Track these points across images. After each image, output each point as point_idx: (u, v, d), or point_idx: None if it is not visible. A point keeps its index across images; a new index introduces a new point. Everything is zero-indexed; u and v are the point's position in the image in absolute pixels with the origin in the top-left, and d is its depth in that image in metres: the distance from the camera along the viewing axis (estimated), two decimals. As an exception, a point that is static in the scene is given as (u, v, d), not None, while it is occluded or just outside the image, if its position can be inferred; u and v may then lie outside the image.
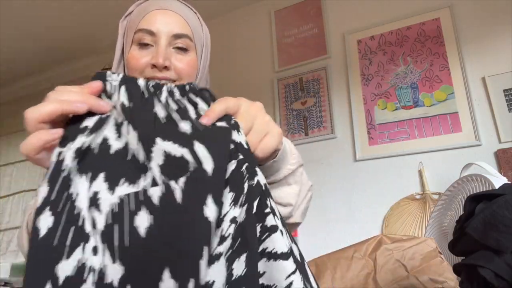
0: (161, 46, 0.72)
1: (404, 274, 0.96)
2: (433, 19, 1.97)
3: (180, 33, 0.74)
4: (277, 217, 0.44)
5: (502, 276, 0.53)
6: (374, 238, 1.05)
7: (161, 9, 0.75)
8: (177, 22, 0.75)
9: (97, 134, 0.45)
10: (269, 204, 0.44)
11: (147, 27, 0.73)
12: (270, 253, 0.41)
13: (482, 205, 0.60)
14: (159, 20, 0.74)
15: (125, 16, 0.79)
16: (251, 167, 0.44)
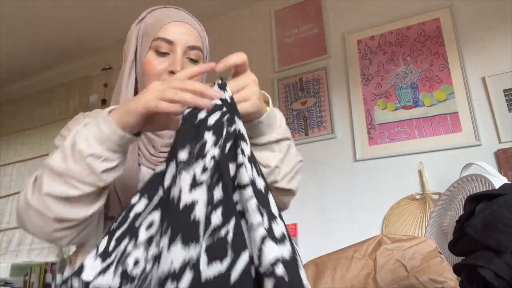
0: (178, 55, 0.80)
1: (404, 274, 0.96)
2: (433, 19, 1.97)
3: (194, 45, 0.84)
4: (244, 155, 0.54)
5: (502, 276, 0.53)
6: (374, 238, 1.05)
7: (179, 21, 0.84)
8: (192, 35, 0.85)
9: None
10: (241, 145, 0.55)
11: (166, 36, 0.81)
12: (239, 185, 0.52)
13: (482, 205, 0.60)
14: (177, 31, 0.82)
15: (139, 21, 0.89)
16: (231, 117, 0.56)
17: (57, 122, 3.02)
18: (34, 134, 3.11)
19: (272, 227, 0.51)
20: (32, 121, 3.17)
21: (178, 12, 0.87)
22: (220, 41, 2.65)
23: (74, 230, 0.61)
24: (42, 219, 0.58)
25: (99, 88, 2.97)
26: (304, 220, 1.98)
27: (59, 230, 0.60)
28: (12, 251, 2.74)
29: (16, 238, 2.77)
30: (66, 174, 0.57)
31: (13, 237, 2.79)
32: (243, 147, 0.56)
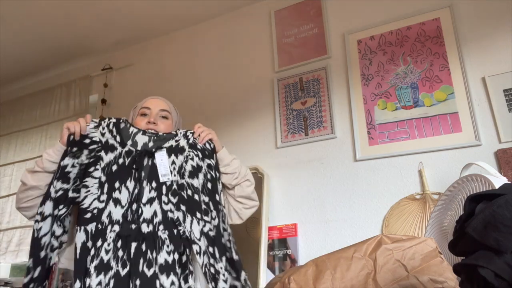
0: (153, 113, 1.35)
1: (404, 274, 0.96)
2: (433, 19, 1.97)
3: (163, 109, 1.37)
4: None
5: (502, 276, 0.53)
6: (374, 238, 1.05)
7: (154, 99, 1.40)
8: (162, 104, 1.38)
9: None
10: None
11: (146, 105, 1.37)
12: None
13: (482, 205, 0.60)
14: (153, 102, 1.38)
15: (134, 108, 1.42)
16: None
17: (57, 122, 3.02)
18: (34, 134, 3.11)
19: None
20: (32, 121, 3.16)
21: (155, 96, 1.43)
22: (220, 41, 2.65)
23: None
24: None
25: (99, 88, 2.97)
26: (304, 220, 1.98)
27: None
28: (12, 251, 2.74)
29: (16, 238, 2.77)
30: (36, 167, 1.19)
31: (13, 237, 2.79)
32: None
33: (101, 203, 1.14)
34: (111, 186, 1.16)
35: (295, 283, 1.00)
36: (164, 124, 1.33)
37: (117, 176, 1.18)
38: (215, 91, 2.52)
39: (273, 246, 1.97)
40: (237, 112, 2.39)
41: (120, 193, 1.16)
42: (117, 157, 1.20)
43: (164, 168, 1.20)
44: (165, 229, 1.14)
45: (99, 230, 1.11)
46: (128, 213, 1.14)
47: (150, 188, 1.18)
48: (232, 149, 2.30)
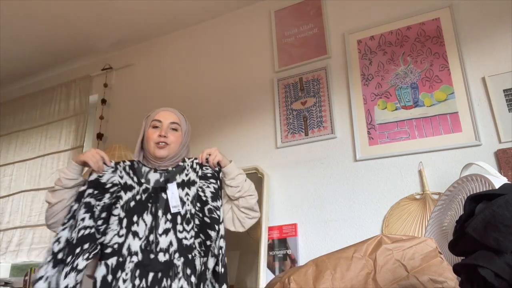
0: (164, 126, 1.43)
1: (404, 274, 0.96)
2: (433, 19, 1.98)
3: (174, 121, 1.45)
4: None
5: (502, 276, 0.53)
6: (374, 238, 1.05)
7: (165, 111, 1.47)
8: (172, 116, 1.46)
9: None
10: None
11: (157, 118, 1.45)
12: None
13: (482, 205, 0.60)
14: (164, 114, 1.46)
15: (146, 117, 1.49)
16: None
17: (57, 122, 3.02)
18: (34, 134, 3.11)
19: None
20: (32, 121, 3.17)
21: (166, 108, 1.50)
22: (221, 41, 2.65)
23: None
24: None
25: (99, 88, 2.97)
26: (304, 220, 1.98)
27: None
28: (12, 251, 2.74)
29: (16, 238, 2.77)
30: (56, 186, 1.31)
31: (13, 237, 2.79)
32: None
33: (121, 237, 1.24)
34: (130, 221, 1.27)
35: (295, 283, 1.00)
36: (174, 136, 1.43)
37: (135, 211, 1.29)
38: (215, 91, 2.52)
39: (273, 246, 1.97)
40: (237, 112, 2.39)
41: (138, 226, 1.26)
42: (135, 194, 1.32)
43: (175, 200, 1.32)
44: (180, 256, 1.24)
45: (119, 263, 1.20)
46: (146, 243, 1.24)
47: (166, 220, 1.29)
48: (232, 149, 2.31)
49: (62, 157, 2.86)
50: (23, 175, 3.00)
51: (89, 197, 1.26)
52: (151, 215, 1.28)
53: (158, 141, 1.39)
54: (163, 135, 1.39)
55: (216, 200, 1.34)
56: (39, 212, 2.76)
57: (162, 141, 1.39)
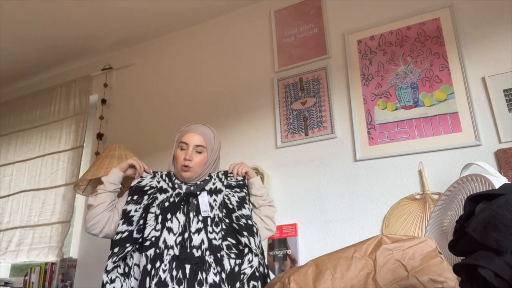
0: (189, 150, 1.52)
1: (404, 274, 0.96)
2: (433, 19, 1.98)
3: (198, 144, 1.54)
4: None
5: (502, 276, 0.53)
6: (374, 238, 1.05)
7: (192, 133, 1.55)
8: (198, 139, 1.54)
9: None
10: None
11: (184, 140, 1.54)
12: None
13: (482, 205, 0.60)
14: (189, 138, 1.54)
15: (179, 132, 1.60)
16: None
17: (57, 122, 3.02)
18: (34, 134, 3.11)
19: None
20: (32, 121, 3.17)
21: (196, 126, 1.59)
22: (221, 41, 2.65)
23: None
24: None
25: (99, 88, 2.97)
26: (304, 220, 1.98)
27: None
28: (12, 251, 2.74)
29: (16, 238, 2.77)
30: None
31: (13, 237, 2.79)
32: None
33: (157, 231, 1.39)
34: (164, 217, 1.42)
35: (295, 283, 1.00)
36: (198, 158, 1.53)
37: (169, 209, 1.44)
38: (215, 91, 2.52)
39: (273, 246, 1.97)
40: (237, 112, 2.39)
41: (171, 222, 1.41)
42: (169, 197, 1.48)
43: (205, 206, 1.47)
44: (211, 254, 1.37)
45: (157, 254, 1.34)
46: (181, 240, 1.38)
47: (197, 221, 1.43)
48: (232, 149, 2.31)
49: (62, 157, 2.86)
50: (23, 175, 3.00)
51: (126, 204, 1.44)
52: (183, 214, 1.43)
53: (183, 164, 1.51)
54: (187, 159, 1.50)
55: (241, 208, 1.47)
56: (39, 212, 2.76)
57: (186, 165, 1.51)
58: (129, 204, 1.44)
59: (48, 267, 2.52)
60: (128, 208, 1.43)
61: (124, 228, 1.40)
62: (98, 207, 1.43)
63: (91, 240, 2.54)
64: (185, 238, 1.38)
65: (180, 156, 1.53)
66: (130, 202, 1.45)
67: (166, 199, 1.47)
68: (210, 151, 1.58)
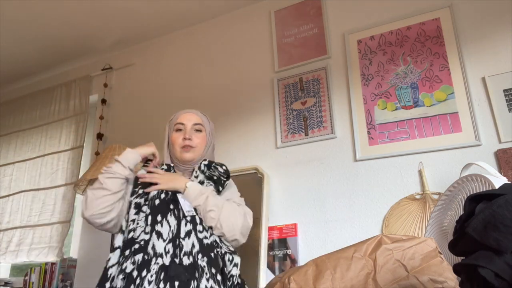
0: (187, 128, 1.44)
1: (404, 274, 0.96)
2: (433, 19, 1.98)
3: (197, 123, 1.46)
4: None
5: (502, 276, 0.53)
6: (374, 238, 1.05)
7: (187, 113, 1.49)
8: (195, 117, 1.47)
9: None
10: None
11: (180, 121, 1.45)
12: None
13: (482, 205, 0.60)
14: (187, 116, 1.47)
15: (169, 121, 1.50)
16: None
17: (57, 122, 3.02)
18: (34, 134, 3.11)
19: None
20: (32, 121, 3.16)
21: (187, 109, 1.51)
22: (221, 41, 2.65)
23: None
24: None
25: (99, 88, 2.97)
26: (304, 220, 1.98)
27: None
28: (12, 251, 2.74)
29: (16, 238, 2.77)
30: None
31: (13, 237, 2.79)
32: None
33: (146, 234, 1.24)
34: (154, 219, 1.26)
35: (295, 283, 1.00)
36: (198, 138, 1.44)
37: (159, 210, 1.29)
38: (215, 91, 2.52)
39: (273, 246, 1.97)
40: (237, 112, 2.39)
41: (161, 226, 1.25)
42: (159, 192, 1.33)
43: (187, 206, 1.32)
44: (203, 256, 1.24)
45: (145, 261, 1.19)
46: (171, 247, 1.22)
47: (186, 222, 1.29)
48: (232, 149, 2.31)
49: (62, 157, 2.86)
50: (23, 175, 3.00)
51: (135, 197, 1.33)
52: (175, 217, 1.28)
53: (184, 145, 1.40)
54: (187, 138, 1.40)
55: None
56: (39, 212, 2.76)
57: (187, 145, 1.40)
58: (137, 197, 1.33)
59: (48, 267, 2.51)
60: (138, 201, 1.31)
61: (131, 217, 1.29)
62: (115, 195, 1.28)
63: (91, 240, 2.54)
64: (175, 245, 1.23)
65: (178, 138, 1.41)
66: (137, 195, 1.33)
67: (156, 196, 1.32)
68: (208, 132, 1.49)
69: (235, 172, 2.17)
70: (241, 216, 1.35)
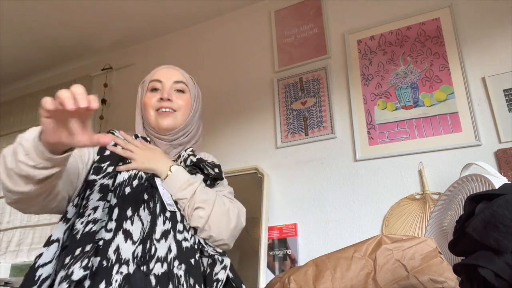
0: (165, 88, 1.11)
1: (404, 274, 0.96)
2: (433, 19, 1.98)
3: (178, 80, 1.14)
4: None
5: (502, 276, 0.53)
6: (374, 238, 1.05)
7: (165, 67, 1.16)
8: (176, 74, 1.15)
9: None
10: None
11: (156, 77, 1.13)
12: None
13: (482, 205, 0.60)
14: (164, 73, 1.14)
15: (143, 81, 1.19)
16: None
17: (57, 122, 3.01)
18: (34, 134, 3.10)
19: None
20: (32, 121, 3.16)
21: (167, 65, 1.19)
22: (220, 41, 2.65)
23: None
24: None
25: (99, 88, 2.97)
26: (304, 220, 1.98)
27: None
28: (12, 251, 2.74)
29: (16, 238, 2.77)
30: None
31: (13, 237, 2.79)
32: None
33: (109, 232, 0.90)
34: (122, 214, 0.93)
35: (295, 283, 1.00)
36: (181, 99, 1.10)
37: (130, 201, 0.95)
38: (215, 91, 2.52)
39: (273, 246, 1.97)
40: (237, 112, 2.39)
41: (132, 224, 0.92)
42: (131, 177, 1.00)
43: (167, 197, 1.01)
44: (181, 262, 0.93)
45: (103, 269, 0.85)
46: (141, 252, 0.90)
47: (164, 219, 0.97)
48: (232, 149, 2.31)
49: (62, 157, 2.85)
50: (23, 175, 2.99)
51: (101, 176, 0.98)
52: (149, 212, 0.95)
53: (160, 107, 1.08)
54: (165, 98, 1.07)
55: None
56: (39, 212, 2.76)
57: (166, 107, 1.08)
58: (105, 177, 0.98)
59: (48, 267, 2.51)
60: (106, 183, 0.97)
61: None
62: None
63: (91, 240, 2.53)
64: (145, 248, 0.91)
65: (153, 98, 1.09)
66: (105, 174, 0.99)
67: (127, 182, 0.98)
68: (194, 95, 1.16)
69: (235, 172, 2.17)
70: (235, 216, 1.06)
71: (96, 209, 0.92)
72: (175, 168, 1.04)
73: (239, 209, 1.10)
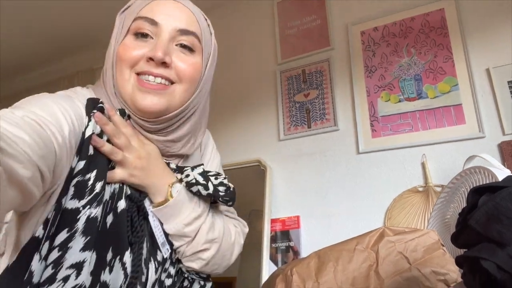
0: (162, 39, 0.63)
1: (406, 266, 0.96)
2: (438, 10, 1.95)
3: (187, 29, 0.64)
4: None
5: (505, 268, 0.53)
6: (377, 230, 1.05)
7: (165, 0, 0.62)
8: (185, 17, 0.64)
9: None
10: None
11: (149, 15, 0.64)
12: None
13: (485, 198, 0.59)
14: (165, 9, 0.63)
15: (124, 10, 0.72)
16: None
17: (60, 115, 3.02)
18: (37, 127, 3.11)
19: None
20: (35, 114, 3.17)
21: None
22: (223, 33, 2.63)
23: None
24: None
25: (102, 81, 2.97)
26: (306, 212, 1.99)
27: None
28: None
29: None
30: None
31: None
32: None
33: (78, 280, 0.56)
34: (100, 260, 0.59)
35: (297, 275, 1.00)
36: (187, 63, 0.65)
37: (112, 238, 0.61)
38: (217, 83, 2.51)
39: (275, 238, 1.98)
40: (239, 104, 2.39)
41: (110, 272, 0.60)
42: (115, 196, 0.63)
43: (160, 234, 0.70)
44: None
45: None
46: None
47: (156, 267, 0.67)
48: (235, 141, 2.31)
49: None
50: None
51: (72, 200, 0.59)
52: (136, 255, 0.63)
53: (144, 72, 0.65)
54: (159, 59, 0.63)
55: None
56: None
57: (157, 75, 0.64)
58: (90, 203, 0.60)
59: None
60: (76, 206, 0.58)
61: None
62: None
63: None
64: None
65: (133, 51, 0.66)
66: (89, 197, 0.59)
67: (109, 204, 0.62)
68: (207, 55, 0.71)
69: (238, 165, 2.18)
70: (238, 248, 0.82)
71: (81, 267, 0.55)
72: (176, 191, 0.68)
73: (243, 233, 0.86)
